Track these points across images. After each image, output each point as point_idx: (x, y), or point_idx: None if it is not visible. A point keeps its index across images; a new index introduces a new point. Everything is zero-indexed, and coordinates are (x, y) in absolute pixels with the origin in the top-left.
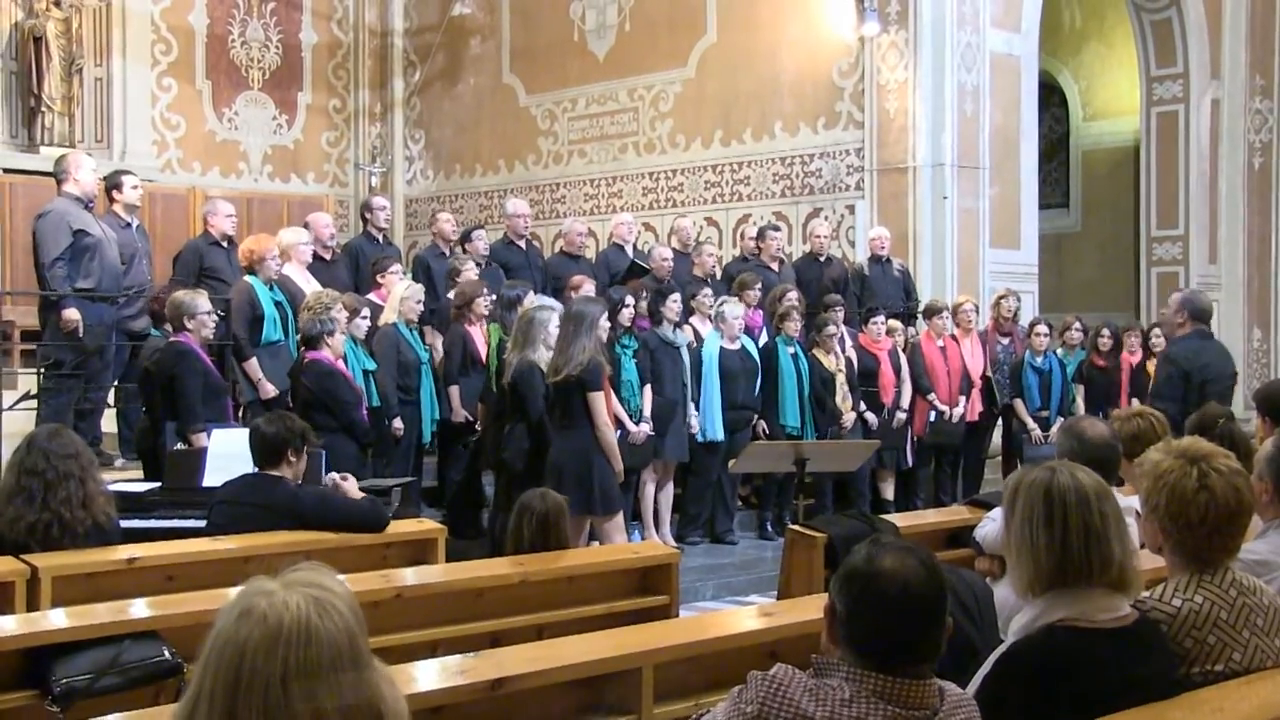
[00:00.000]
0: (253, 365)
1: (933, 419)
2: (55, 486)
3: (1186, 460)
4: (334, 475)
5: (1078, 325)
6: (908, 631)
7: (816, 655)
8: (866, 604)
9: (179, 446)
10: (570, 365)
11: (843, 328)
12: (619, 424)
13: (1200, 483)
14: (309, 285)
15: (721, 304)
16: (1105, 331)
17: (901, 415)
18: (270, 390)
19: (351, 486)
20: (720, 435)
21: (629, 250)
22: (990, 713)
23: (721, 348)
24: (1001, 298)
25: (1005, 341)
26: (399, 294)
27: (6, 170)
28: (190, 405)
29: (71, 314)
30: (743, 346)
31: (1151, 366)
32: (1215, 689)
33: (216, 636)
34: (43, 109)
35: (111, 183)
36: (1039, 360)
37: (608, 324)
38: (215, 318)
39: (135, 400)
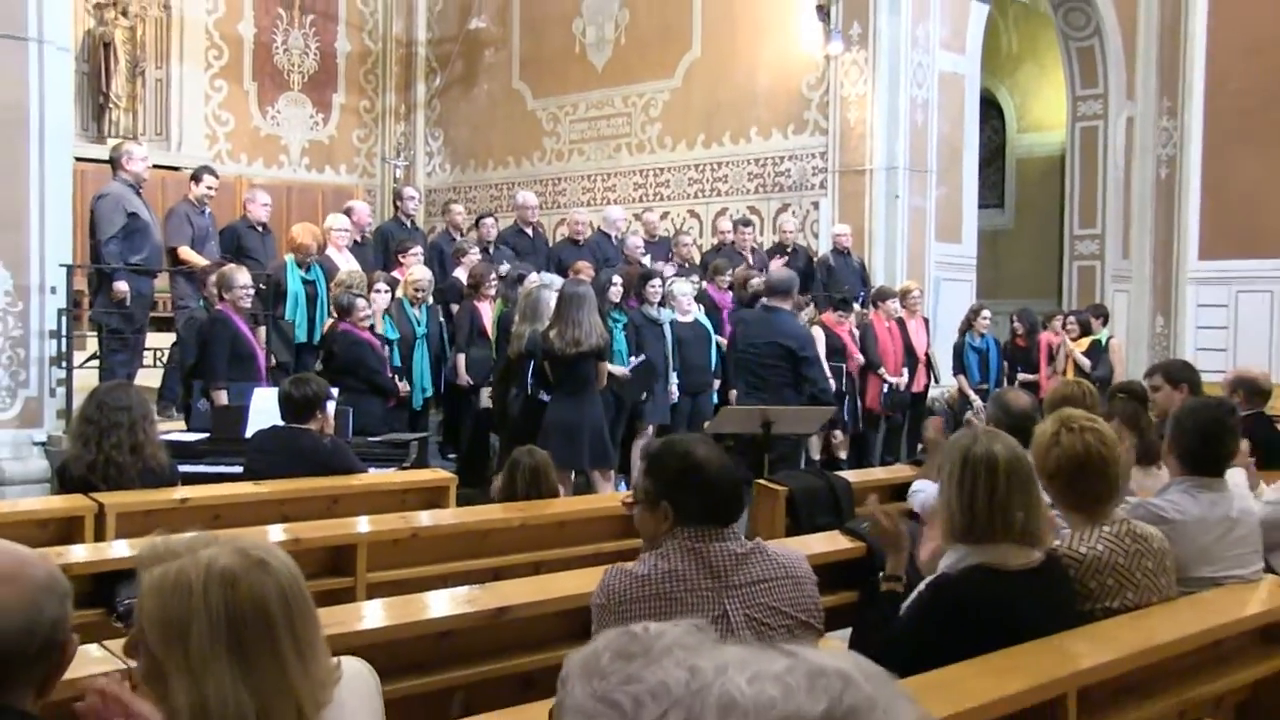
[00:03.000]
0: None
1: (885, 390)
2: (107, 433)
3: (1053, 422)
4: None
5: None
6: (723, 501)
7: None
8: (701, 486)
9: (202, 401)
10: (594, 337)
11: (809, 310)
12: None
13: (1054, 439)
14: (347, 265)
15: (670, 283)
16: (1016, 319)
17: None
18: (270, 359)
19: None
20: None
21: (614, 239)
22: (919, 633)
23: (674, 321)
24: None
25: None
26: (409, 277)
27: (78, 159)
28: (213, 365)
29: (121, 286)
30: (695, 320)
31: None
32: (1111, 622)
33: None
34: (110, 106)
35: (195, 175)
36: (978, 341)
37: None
38: (252, 292)
39: None
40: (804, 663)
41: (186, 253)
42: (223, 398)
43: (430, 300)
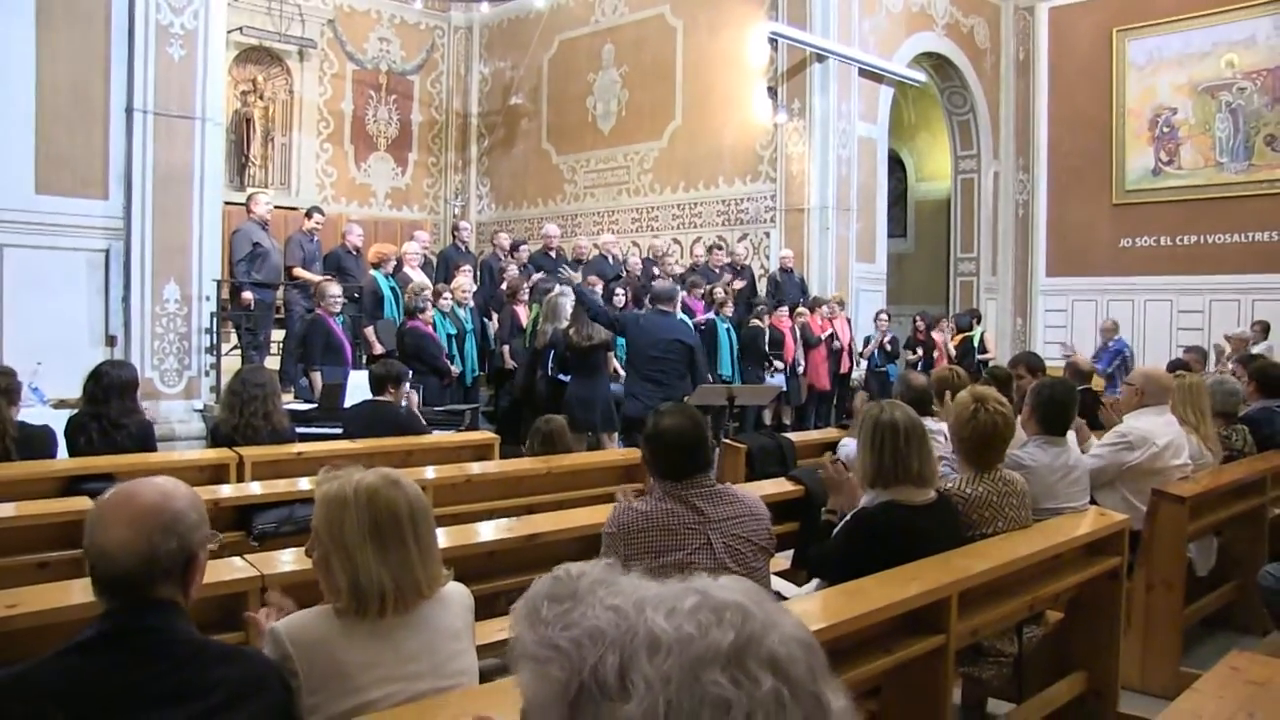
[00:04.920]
0: (368, 331)
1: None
2: (248, 404)
3: (972, 399)
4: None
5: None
6: (684, 456)
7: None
8: (663, 448)
9: (304, 379)
10: (601, 334)
11: (766, 317)
12: (616, 373)
13: (974, 414)
14: (419, 278)
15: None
16: (918, 319)
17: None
18: (379, 348)
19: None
20: None
21: (610, 259)
22: (844, 552)
23: None
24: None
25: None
26: (456, 285)
27: (226, 203)
28: (310, 353)
29: (246, 295)
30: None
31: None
32: (984, 543)
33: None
34: (249, 164)
35: (308, 212)
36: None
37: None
38: (342, 300)
39: None
40: (709, 598)
41: (300, 271)
42: (318, 378)
43: (472, 303)
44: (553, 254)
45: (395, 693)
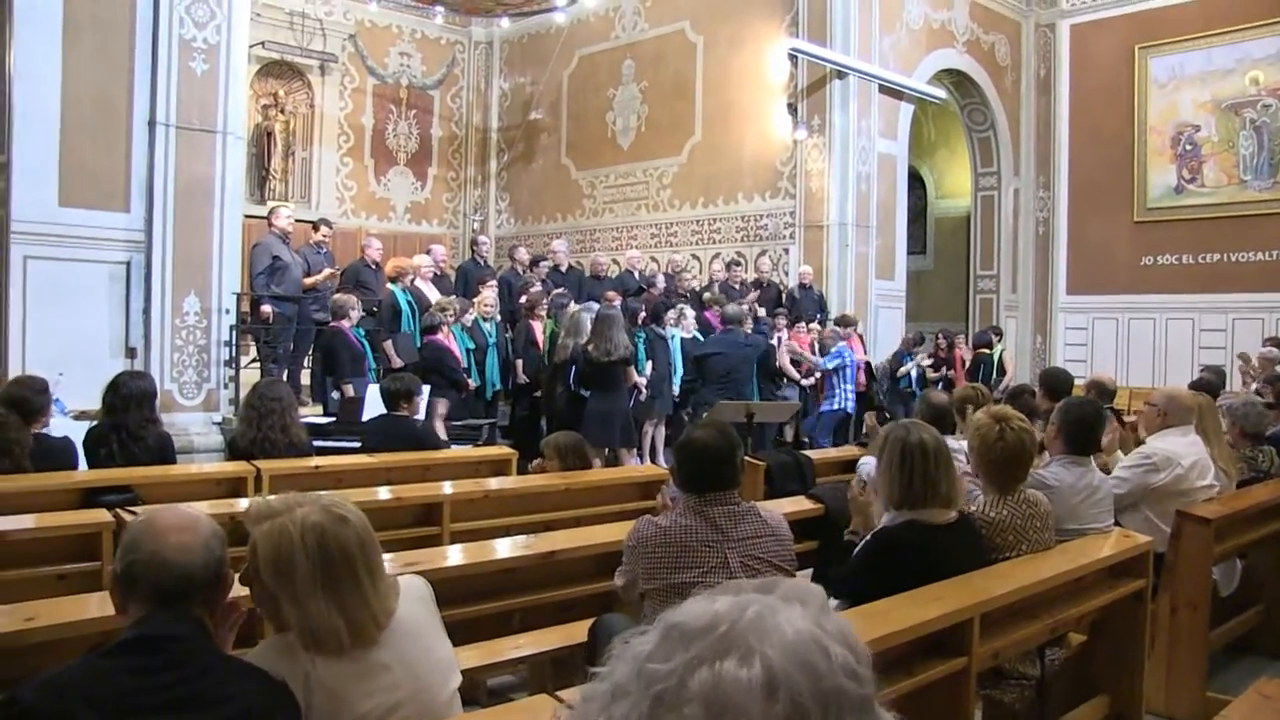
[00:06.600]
0: (387, 345)
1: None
2: (265, 417)
3: (993, 419)
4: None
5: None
6: (709, 469)
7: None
8: (689, 459)
9: (334, 393)
10: (621, 349)
11: (784, 331)
12: (635, 388)
13: (999, 434)
14: (432, 293)
15: (681, 310)
16: (940, 336)
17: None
18: (397, 361)
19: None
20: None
21: (636, 274)
22: (864, 572)
23: (681, 338)
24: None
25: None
26: (480, 299)
27: (246, 217)
28: (339, 365)
29: (266, 309)
30: (695, 336)
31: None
32: (1006, 564)
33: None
34: (269, 177)
35: (315, 225)
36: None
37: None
38: (361, 313)
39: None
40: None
41: (308, 281)
42: (349, 388)
43: (498, 317)
44: (563, 269)
45: (379, 704)
